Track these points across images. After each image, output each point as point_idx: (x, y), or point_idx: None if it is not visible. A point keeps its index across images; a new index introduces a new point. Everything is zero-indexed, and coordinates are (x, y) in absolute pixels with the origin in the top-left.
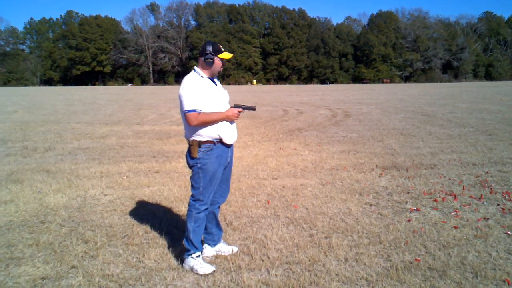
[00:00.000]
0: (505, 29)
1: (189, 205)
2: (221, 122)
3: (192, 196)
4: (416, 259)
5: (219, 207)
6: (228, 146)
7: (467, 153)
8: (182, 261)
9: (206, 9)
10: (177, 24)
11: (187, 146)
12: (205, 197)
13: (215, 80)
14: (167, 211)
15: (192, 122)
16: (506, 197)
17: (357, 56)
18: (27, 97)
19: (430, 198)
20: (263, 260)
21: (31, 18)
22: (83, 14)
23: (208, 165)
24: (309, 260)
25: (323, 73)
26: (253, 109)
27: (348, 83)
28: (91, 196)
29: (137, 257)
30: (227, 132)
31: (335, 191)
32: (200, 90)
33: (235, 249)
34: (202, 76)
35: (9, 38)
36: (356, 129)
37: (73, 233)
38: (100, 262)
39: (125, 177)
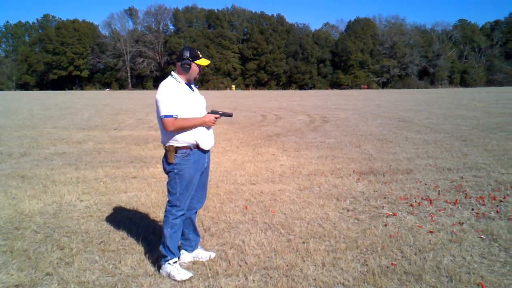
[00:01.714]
0: (479, 37)
1: (165, 211)
2: (198, 128)
3: (168, 202)
4: (392, 264)
5: (196, 212)
6: (205, 151)
7: (443, 159)
8: (159, 267)
9: (185, 14)
10: (156, 28)
11: (164, 151)
12: (182, 203)
13: (192, 85)
14: (144, 217)
15: (169, 127)
16: (480, 202)
17: (335, 62)
18: (2, 102)
19: (406, 203)
20: (240, 266)
21: (7, 22)
22: (60, 18)
23: (185, 171)
24: (287, 265)
25: (301, 78)
26: (230, 115)
27: (326, 88)
28: (67, 202)
29: (113, 264)
30: (204, 137)
31: (312, 197)
32: (177, 96)
33: (213, 254)
34: (179, 82)
35: None
36: (334, 135)
37: (48, 239)
38: (76, 269)
39: (102, 183)
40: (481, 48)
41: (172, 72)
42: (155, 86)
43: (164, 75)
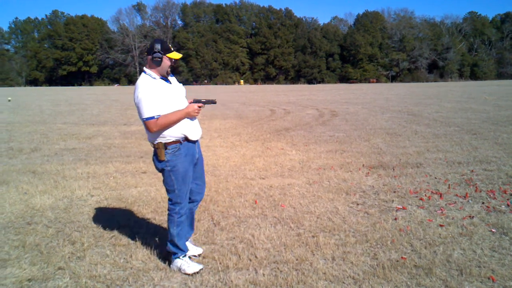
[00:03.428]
0: (490, 29)
1: (169, 210)
2: (183, 120)
3: (170, 200)
4: (402, 257)
5: (197, 205)
6: (194, 142)
7: (453, 152)
8: (169, 262)
9: (193, 8)
10: (164, 24)
11: (153, 149)
12: (183, 199)
13: (169, 77)
14: (155, 212)
15: (152, 129)
16: (491, 195)
17: (344, 56)
18: (12, 98)
19: (416, 196)
20: (250, 260)
21: (16, 18)
22: (69, 14)
23: (178, 166)
24: (297, 259)
25: (310, 73)
26: (213, 102)
27: (335, 83)
28: (77, 197)
29: (124, 258)
30: (190, 129)
31: (322, 191)
32: (155, 94)
33: (200, 250)
34: (154, 78)
35: None
36: (343, 129)
37: (59, 234)
38: (87, 263)
39: (112, 178)
40: (491, 40)
41: (145, 68)
42: None
43: (172, 70)
